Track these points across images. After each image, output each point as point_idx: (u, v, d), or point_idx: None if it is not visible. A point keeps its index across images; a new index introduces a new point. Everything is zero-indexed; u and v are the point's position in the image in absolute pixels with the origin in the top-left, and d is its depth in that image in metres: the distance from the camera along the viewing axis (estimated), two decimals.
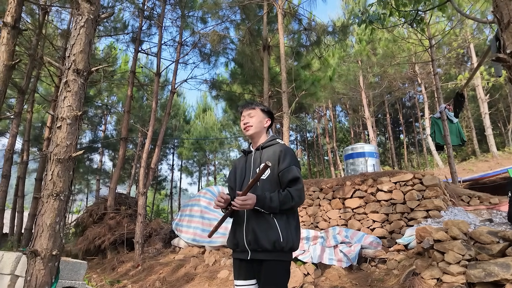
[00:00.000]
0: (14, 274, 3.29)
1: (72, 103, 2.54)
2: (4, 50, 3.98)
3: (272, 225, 1.72)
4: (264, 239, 1.70)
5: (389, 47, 13.39)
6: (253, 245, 1.73)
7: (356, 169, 7.40)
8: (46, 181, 2.43)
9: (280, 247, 1.69)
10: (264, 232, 1.71)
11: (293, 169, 1.79)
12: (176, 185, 22.26)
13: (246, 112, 2.00)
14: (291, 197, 1.71)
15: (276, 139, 1.98)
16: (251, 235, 1.74)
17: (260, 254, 1.73)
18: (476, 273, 3.00)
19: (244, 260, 1.80)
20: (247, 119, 1.99)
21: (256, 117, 1.98)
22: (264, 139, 2.00)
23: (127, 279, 6.02)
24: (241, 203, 1.67)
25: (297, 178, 1.77)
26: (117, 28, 10.99)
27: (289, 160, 1.81)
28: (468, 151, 20.20)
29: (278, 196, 1.72)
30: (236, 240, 1.83)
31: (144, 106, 16.60)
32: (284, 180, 1.78)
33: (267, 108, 2.06)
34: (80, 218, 9.30)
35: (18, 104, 7.44)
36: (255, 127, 1.97)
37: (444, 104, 7.85)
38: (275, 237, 1.69)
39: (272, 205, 1.70)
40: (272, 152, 1.87)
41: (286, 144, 2.10)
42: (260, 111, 2.01)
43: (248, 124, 1.97)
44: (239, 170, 2.01)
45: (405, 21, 5.33)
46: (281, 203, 1.70)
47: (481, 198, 5.68)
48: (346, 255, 4.59)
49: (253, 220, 1.77)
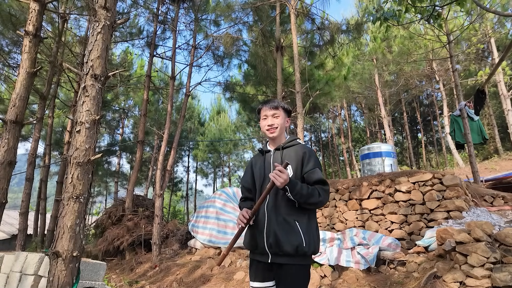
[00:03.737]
0: (37, 275, 3.39)
1: (90, 108, 2.61)
2: (27, 58, 4.14)
3: (294, 229, 1.68)
4: (287, 243, 1.65)
5: (405, 44, 13.08)
6: (275, 248, 1.68)
7: (373, 169, 7.26)
8: (67, 184, 2.50)
9: (302, 252, 1.65)
10: (286, 236, 1.67)
11: (318, 171, 1.76)
12: (191, 186, 22.52)
13: (269, 112, 1.89)
14: (318, 193, 1.67)
15: (297, 139, 1.93)
16: (273, 238, 1.69)
17: (281, 258, 1.69)
18: (502, 276, 2.88)
19: (262, 262, 1.76)
20: (271, 120, 1.88)
21: (281, 117, 1.89)
22: (283, 138, 1.95)
23: (145, 279, 6.11)
24: (277, 173, 1.59)
25: (323, 180, 1.74)
26: (133, 33, 11.23)
27: (313, 162, 1.78)
28: (490, 149, 19.47)
29: (307, 187, 1.69)
30: (255, 242, 1.77)
31: (160, 109, 16.87)
32: (310, 181, 1.74)
33: (287, 107, 1.97)
34: (100, 219, 9.53)
35: (40, 110, 7.69)
36: (280, 128, 1.88)
37: (464, 102, 7.60)
38: (298, 242, 1.65)
39: (301, 192, 1.63)
40: (294, 153, 1.83)
41: None
42: (283, 111, 1.91)
43: (274, 125, 1.87)
44: (257, 170, 1.93)
45: (421, 17, 5.19)
46: (309, 195, 1.65)
47: (505, 198, 5.46)
48: (363, 257, 4.51)
49: (274, 222, 1.71)
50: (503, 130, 18.72)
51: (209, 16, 10.06)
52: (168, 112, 8.40)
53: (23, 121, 4.16)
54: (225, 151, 20.71)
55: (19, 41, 9.45)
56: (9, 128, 3.97)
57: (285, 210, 1.72)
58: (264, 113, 1.91)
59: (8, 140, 3.96)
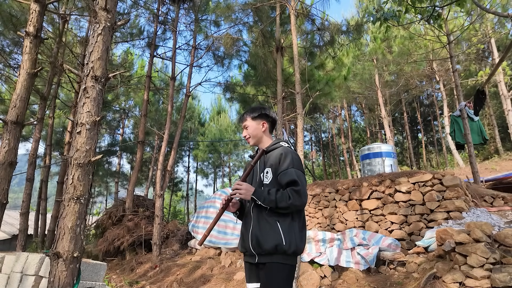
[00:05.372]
0: (38, 275, 3.40)
1: (91, 109, 2.62)
2: (27, 59, 4.15)
3: (274, 228, 1.73)
4: (266, 242, 1.71)
5: (405, 45, 13.07)
6: (257, 248, 1.75)
7: (373, 169, 7.26)
8: (67, 185, 2.51)
9: (282, 250, 1.69)
10: (266, 235, 1.73)
11: (290, 172, 1.76)
12: (192, 187, 22.54)
13: (241, 124, 2.07)
14: (288, 196, 1.70)
15: (280, 142, 1.97)
16: (255, 239, 1.76)
17: (264, 257, 1.75)
18: (502, 277, 2.88)
19: (253, 263, 1.82)
20: (244, 132, 2.05)
21: (250, 126, 2.01)
22: (268, 142, 2.02)
23: (145, 280, 6.12)
24: (234, 187, 1.76)
25: (294, 180, 1.74)
26: (133, 34, 11.24)
27: (288, 163, 1.79)
28: (490, 149, 19.45)
29: (276, 192, 1.73)
30: (245, 244, 1.85)
31: (160, 109, 16.88)
32: (282, 182, 1.78)
33: (258, 112, 2.03)
34: (100, 220, 9.54)
35: (41, 110, 7.71)
36: (252, 137, 2.02)
37: (464, 102, 7.60)
38: (277, 240, 1.69)
39: (269, 197, 1.71)
40: (275, 156, 1.88)
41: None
42: (251, 119, 2.02)
43: (246, 136, 2.03)
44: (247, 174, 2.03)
45: (421, 17, 5.20)
46: (278, 199, 1.69)
47: (505, 199, 5.45)
48: (363, 257, 4.51)
49: (256, 224, 1.79)
50: (503, 130, 18.71)
51: (209, 17, 10.08)
52: (169, 112, 8.41)
53: (24, 121, 4.18)
54: (226, 151, 20.73)
55: (19, 41, 9.46)
56: (9, 129, 3.99)
57: (268, 212, 1.77)
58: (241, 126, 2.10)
59: (8, 141, 3.97)
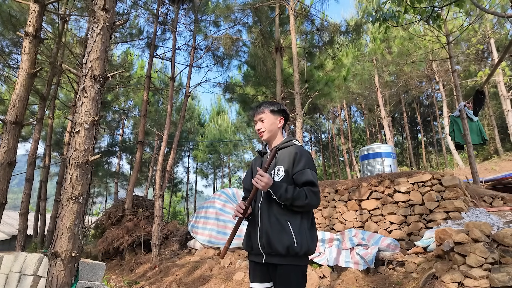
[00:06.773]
0: (36, 275, 3.40)
1: (90, 109, 2.62)
2: (27, 59, 4.15)
3: (285, 229, 1.68)
4: (278, 243, 1.66)
5: (404, 45, 13.08)
6: (267, 248, 1.70)
7: (372, 170, 7.27)
8: (66, 184, 2.51)
9: (294, 252, 1.65)
10: (277, 235, 1.68)
11: (307, 172, 1.74)
12: (191, 187, 22.51)
13: (257, 116, 1.95)
14: (305, 195, 1.66)
15: (292, 140, 1.92)
16: (265, 238, 1.71)
17: (274, 258, 1.70)
18: (500, 277, 2.88)
19: (259, 263, 1.78)
20: (259, 124, 1.94)
21: (267, 120, 1.92)
22: (280, 139, 1.95)
23: (144, 280, 6.12)
24: (257, 177, 1.68)
25: (312, 181, 1.72)
26: (133, 34, 11.24)
27: (304, 163, 1.76)
28: (490, 150, 19.47)
29: (294, 189, 1.69)
30: (251, 243, 1.80)
31: (160, 110, 16.89)
32: (298, 182, 1.74)
33: (277, 107, 1.96)
34: (99, 220, 9.53)
35: (40, 110, 7.71)
36: (268, 131, 1.92)
37: (464, 102, 7.60)
38: (289, 242, 1.65)
39: (286, 195, 1.65)
40: (288, 154, 1.83)
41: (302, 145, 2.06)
42: (269, 113, 1.93)
43: (261, 129, 1.93)
44: (255, 171, 1.95)
45: (420, 18, 5.20)
46: (295, 197, 1.65)
47: (504, 199, 5.46)
48: (363, 257, 4.51)
49: (266, 222, 1.73)
50: (503, 131, 18.72)
51: (208, 17, 10.07)
52: (168, 112, 8.41)
53: (23, 121, 4.18)
54: (225, 152, 20.73)
55: (19, 42, 9.46)
56: (9, 129, 3.98)
57: (277, 210, 1.73)
58: (254, 119, 1.98)
59: (8, 141, 3.97)
